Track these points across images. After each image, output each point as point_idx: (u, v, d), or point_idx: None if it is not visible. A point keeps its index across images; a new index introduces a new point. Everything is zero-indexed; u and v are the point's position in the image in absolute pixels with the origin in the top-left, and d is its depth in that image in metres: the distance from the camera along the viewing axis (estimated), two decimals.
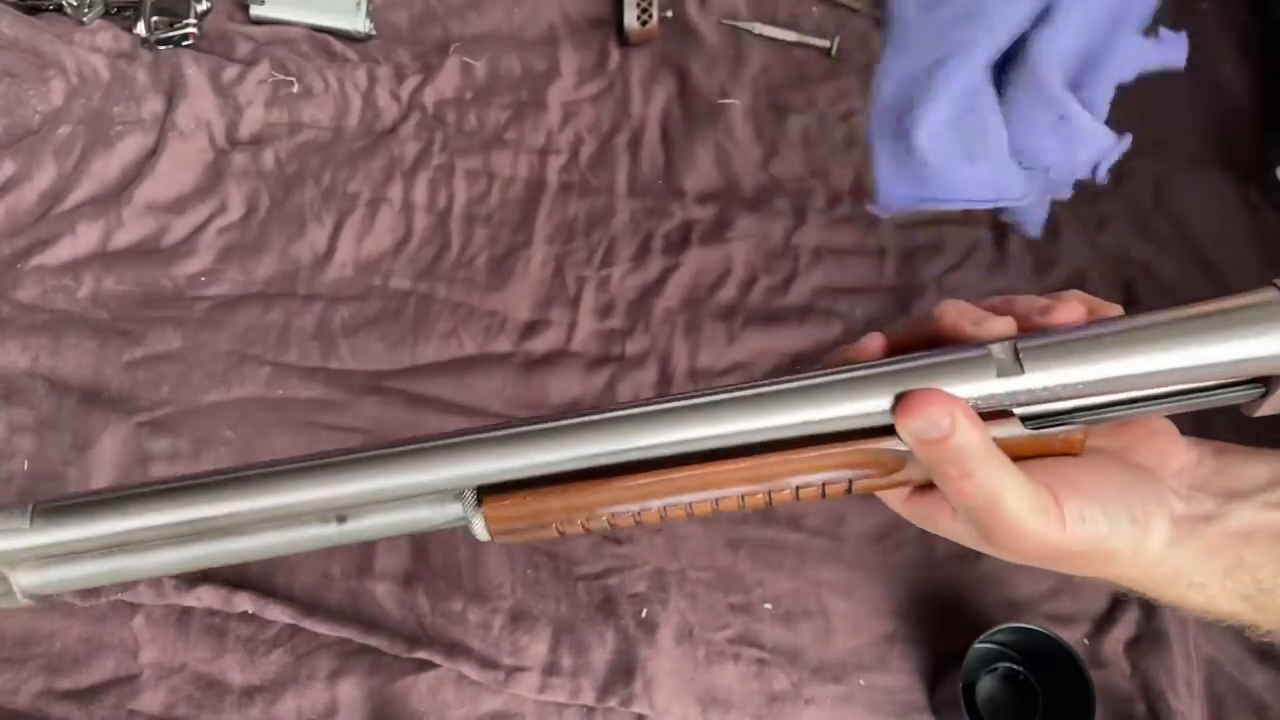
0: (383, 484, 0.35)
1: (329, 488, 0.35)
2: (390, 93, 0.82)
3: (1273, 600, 0.35)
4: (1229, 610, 0.36)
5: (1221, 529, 0.35)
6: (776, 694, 0.63)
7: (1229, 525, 0.35)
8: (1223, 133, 0.91)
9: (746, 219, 0.80)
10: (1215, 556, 0.35)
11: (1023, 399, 0.33)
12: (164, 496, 0.35)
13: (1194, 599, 0.36)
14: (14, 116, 0.74)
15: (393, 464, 0.35)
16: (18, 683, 0.58)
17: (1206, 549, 0.35)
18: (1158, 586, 0.36)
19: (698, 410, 0.34)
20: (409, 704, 0.59)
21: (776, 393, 0.34)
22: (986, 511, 0.33)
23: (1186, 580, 0.36)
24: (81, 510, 0.36)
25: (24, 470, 0.63)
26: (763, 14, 0.91)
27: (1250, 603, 0.36)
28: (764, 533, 0.68)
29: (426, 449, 0.35)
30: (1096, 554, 0.35)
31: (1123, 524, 0.34)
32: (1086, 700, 0.59)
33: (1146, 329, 0.33)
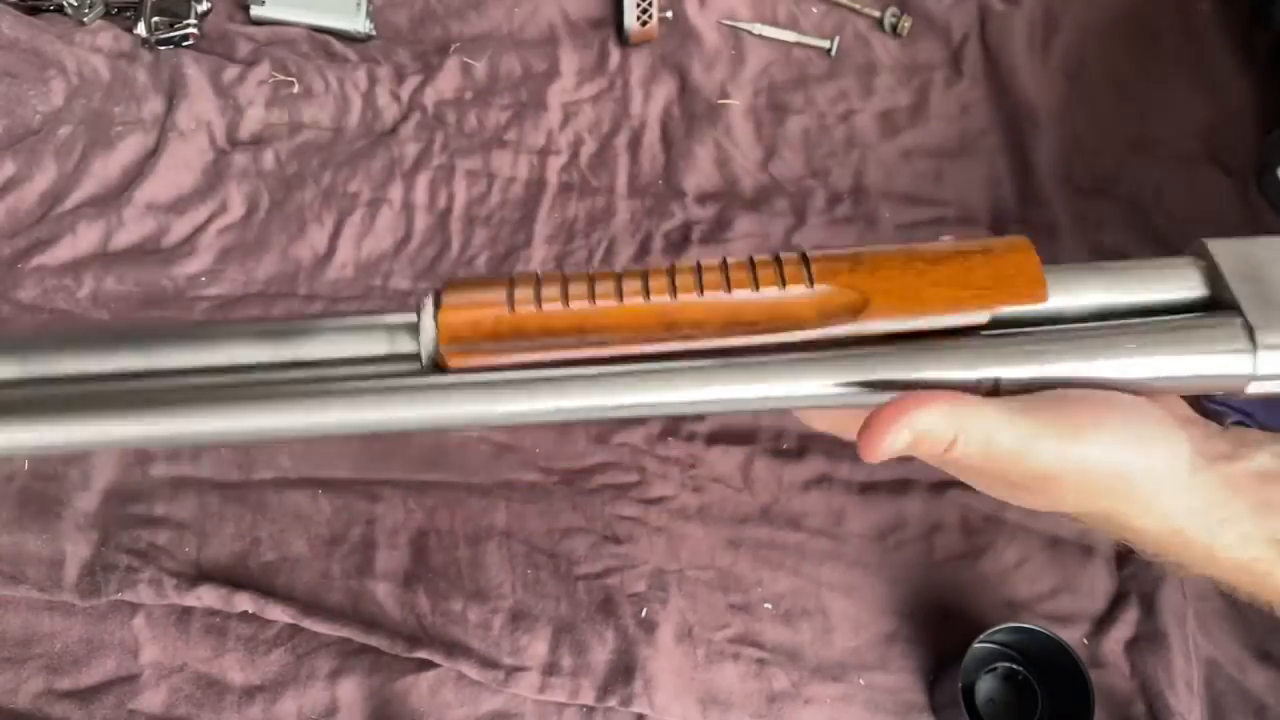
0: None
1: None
2: (390, 93, 0.82)
3: None
4: (1265, 557, 0.35)
5: (1244, 468, 0.35)
6: (776, 693, 0.63)
7: (1250, 466, 0.35)
8: (1223, 133, 0.92)
9: (746, 219, 0.80)
10: (1241, 492, 0.35)
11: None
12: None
13: (1226, 536, 0.35)
14: (14, 117, 0.74)
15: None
16: (18, 683, 0.58)
17: (1231, 483, 0.35)
18: (1188, 521, 0.35)
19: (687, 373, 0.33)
20: (409, 704, 0.59)
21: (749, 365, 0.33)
22: (989, 460, 0.33)
23: (1217, 514, 0.34)
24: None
25: (25, 470, 0.63)
26: (763, 14, 0.91)
27: (1279, 547, 0.35)
28: (764, 532, 0.68)
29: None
30: (1119, 474, 0.34)
31: (1146, 432, 0.33)
32: (1086, 700, 0.59)
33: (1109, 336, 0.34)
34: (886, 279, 0.33)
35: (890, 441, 0.32)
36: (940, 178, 0.85)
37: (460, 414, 0.34)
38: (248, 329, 0.35)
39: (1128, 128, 0.88)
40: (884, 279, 0.33)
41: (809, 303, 0.33)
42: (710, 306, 0.33)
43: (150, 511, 0.63)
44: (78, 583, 0.60)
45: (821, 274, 0.33)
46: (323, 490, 0.66)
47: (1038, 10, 0.91)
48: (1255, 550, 0.35)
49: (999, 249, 0.34)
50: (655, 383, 0.33)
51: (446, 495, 0.67)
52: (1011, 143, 0.87)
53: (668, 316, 0.33)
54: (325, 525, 0.64)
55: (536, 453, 0.69)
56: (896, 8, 0.91)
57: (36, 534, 0.61)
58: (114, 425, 0.33)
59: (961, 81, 0.89)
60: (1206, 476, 0.35)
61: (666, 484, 0.69)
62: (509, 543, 0.65)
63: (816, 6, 0.92)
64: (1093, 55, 0.91)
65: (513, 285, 0.34)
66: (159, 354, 0.35)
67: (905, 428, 0.32)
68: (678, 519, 0.68)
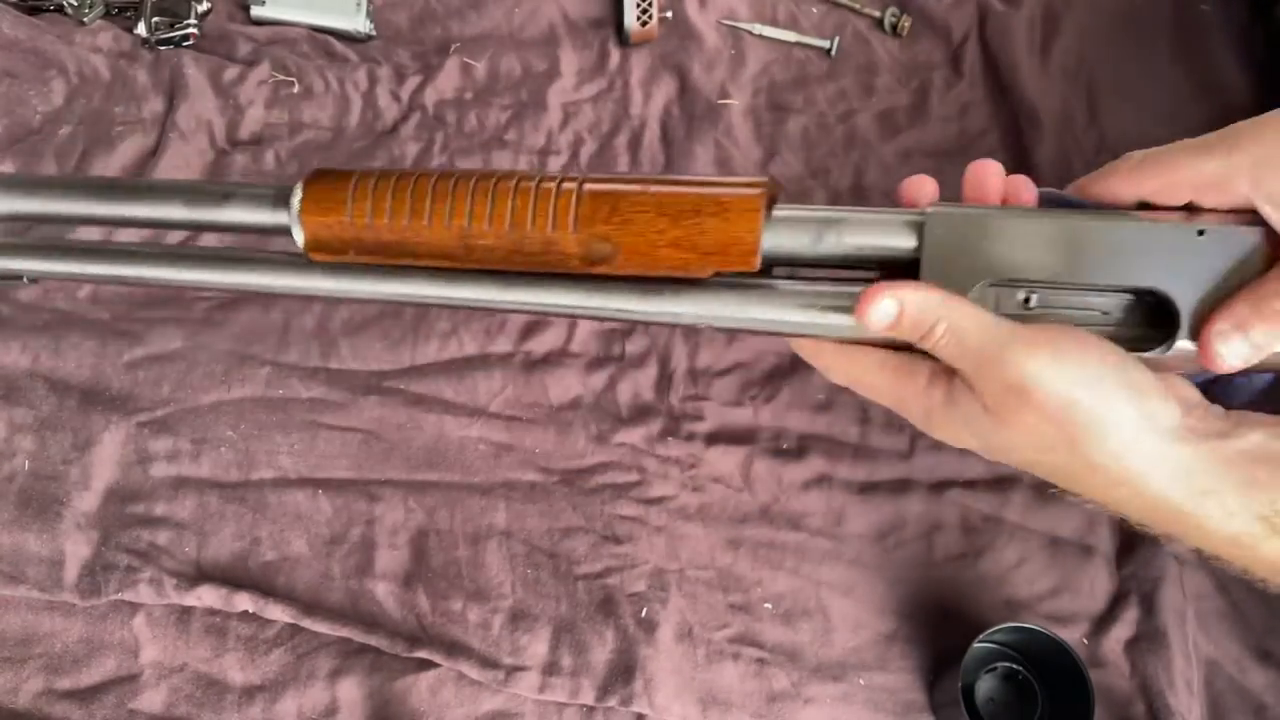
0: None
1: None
2: (391, 93, 0.82)
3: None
4: (1248, 531, 0.35)
5: (1236, 446, 0.35)
6: (776, 693, 0.63)
7: (1242, 444, 0.35)
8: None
9: None
10: (1230, 468, 0.35)
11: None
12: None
13: (1209, 508, 0.35)
14: (15, 117, 0.74)
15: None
16: (18, 682, 0.58)
17: (1220, 459, 0.35)
18: (1166, 489, 0.35)
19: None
20: (409, 703, 0.59)
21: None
22: (962, 357, 0.36)
23: (1200, 485, 0.35)
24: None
25: (25, 469, 0.63)
26: (763, 14, 0.91)
27: (1269, 525, 0.35)
28: (763, 532, 0.68)
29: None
30: (1088, 415, 0.34)
31: (1116, 385, 0.35)
32: (1085, 700, 0.59)
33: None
34: (633, 233, 0.40)
35: (879, 305, 0.37)
36: (940, 178, 0.85)
37: (321, 288, 0.46)
38: (176, 190, 0.47)
39: (1128, 128, 0.88)
40: (631, 233, 0.40)
41: (574, 245, 0.41)
42: (498, 234, 0.42)
43: (150, 511, 0.63)
44: (78, 582, 0.60)
45: (585, 218, 0.41)
46: (323, 490, 0.66)
47: (1038, 10, 0.91)
48: (1241, 524, 0.35)
49: (734, 209, 0.39)
50: (468, 282, 0.44)
51: (446, 495, 0.67)
52: (1011, 143, 0.87)
53: (467, 238, 0.42)
54: (325, 525, 0.64)
55: (536, 453, 0.69)
56: (896, 8, 0.91)
57: (36, 534, 0.61)
58: (80, 265, 0.49)
59: (961, 81, 0.89)
60: (1194, 449, 0.35)
61: (666, 484, 0.69)
62: (509, 542, 0.65)
63: (816, 6, 0.92)
64: (1093, 55, 0.91)
65: (355, 193, 0.43)
66: (117, 205, 0.47)
67: (894, 299, 0.37)
68: (678, 519, 0.68)
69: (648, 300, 0.42)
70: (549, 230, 0.41)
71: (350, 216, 0.43)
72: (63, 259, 0.49)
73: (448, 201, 0.42)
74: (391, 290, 0.45)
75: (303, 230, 0.44)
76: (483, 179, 0.42)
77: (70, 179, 0.51)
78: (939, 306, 0.36)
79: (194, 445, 0.66)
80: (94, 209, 0.48)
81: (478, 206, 0.42)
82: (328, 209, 0.43)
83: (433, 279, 0.44)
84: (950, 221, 0.39)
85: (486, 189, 0.42)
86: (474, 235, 0.42)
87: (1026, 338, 0.35)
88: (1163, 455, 0.35)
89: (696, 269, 0.40)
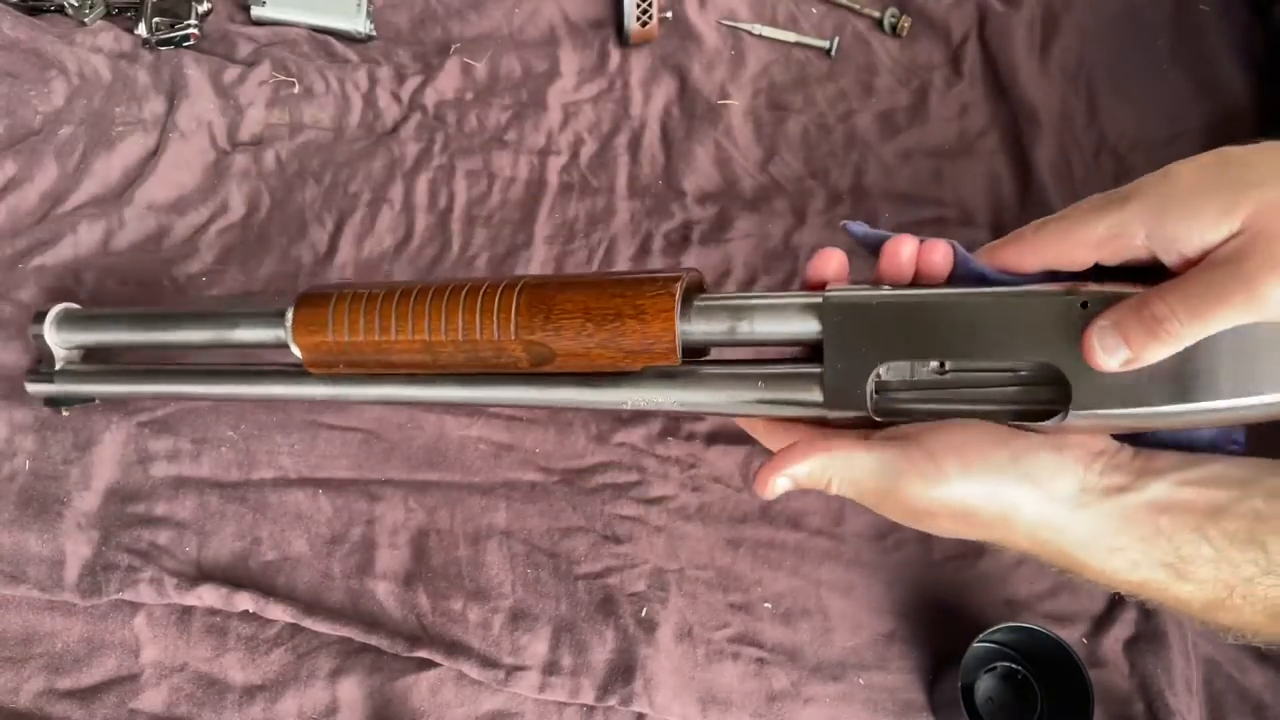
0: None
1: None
2: (391, 93, 0.82)
3: (1194, 570, 0.36)
4: (1155, 578, 0.37)
5: (1136, 500, 0.36)
6: (776, 693, 0.63)
7: (1143, 497, 0.36)
8: (1223, 133, 0.92)
9: (746, 219, 0.80)
10: (1131, 523, 0.36)
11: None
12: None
13: (1115, 563, 0.37)
14: (15, 117, 0.74)
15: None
16: (18, 682, 0.58)
17: (1121, 515, 0.36)
18: (1075, 552, 0.37)
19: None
20: (409, 703, 0.59)
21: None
22: (864, 498, 0.39)
23: (1105, 544, 0.37)
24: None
25: (26, 469, 0.63)
26: (762, 15, 0.91)
27: (1172, 570, 0.36)
28: (763, 532, 0.68)
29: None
30: (992, 510, 0.37)
31: (1010, 479, 0.36)
32: (1085, 699, 0.59)
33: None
34: (566, 338, 0.46)
35: (774, 485, 0.41)
36: (940, 178, 0.85)
37: (320, 394, 0.55)
38: (199, 318, 0.58)
39: (1127, 128, 0.88)
40: (565, 338, 0.46)
41: (519, 349, 0.47)
42: (455, 343, 0.48)
43: (151, 511, 0.63)
44: (78, 582, 0.60)
45: (524, 325, 0.46)
46: (323, 490, 0.66)
47: (1038, 10, 0.91)
48: (1145, 573, 0.37)
49: (651, 311, 0.44)
50: (438, 384, 0.51)
51: (446, 495, 0.67)
52: (1011, 143, 0.87)
53: (431, 348, 0.48)
54: (325, 525, 0.65)
55: (536, 452, 0.69)
56: (896, 8, 0.91)
57: (37, 533, 0.61)
58: (136, 386, 0.61)
59: (961, 82, 0.89)
60: (1095, 510, 0.37)
61: (666, 484, 0.69)
62: (509, 542, 0.65)
63: (816, 6, 0.92)
64: (1093, 55, 0.91)
65: (334, 314, 0.50)
66: (157, 332, 0.59)
67: (785, 475, 0.40)
68: (678, 519, 0.68)
69: (589, 391, 0.47)
70: (496, 337, 0.47)
71: (332, 336, 0.50)
72: (121, 381, 0.61)
73: (409, 318, 0.48)
74: (376, 393, 0.53)
75: (299, 351, 0.52)
76: (438, 292, 0.48)
77: (117, 313, 0.61)
78: (825, 468, 0.40)
79: (194, 445, 0.66)
80: (138, 337, 0.60)
81: (434, 320, 0.48)
82: (314, 330, 0.51)
83: (409, 383, 0.52)
84: (845, 306, 0.41)
85: (440, 303, 0.48)
86: (435, 346, 0.48)
87: (915, 467, 0.37)
88: (1068, 522, 0.37)
89: (627, 365, 0.45)
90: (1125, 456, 0.38)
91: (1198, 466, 0.37)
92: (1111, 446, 0.39)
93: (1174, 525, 0.36)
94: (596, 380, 0.47)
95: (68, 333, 0.61)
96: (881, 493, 0.39)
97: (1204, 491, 0.36)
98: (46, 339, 0.61)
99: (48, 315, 0.61)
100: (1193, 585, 0.36)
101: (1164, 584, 0.37)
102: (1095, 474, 0.37)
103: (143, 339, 0.60)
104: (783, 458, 0.40)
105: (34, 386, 0.62)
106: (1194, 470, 0.37)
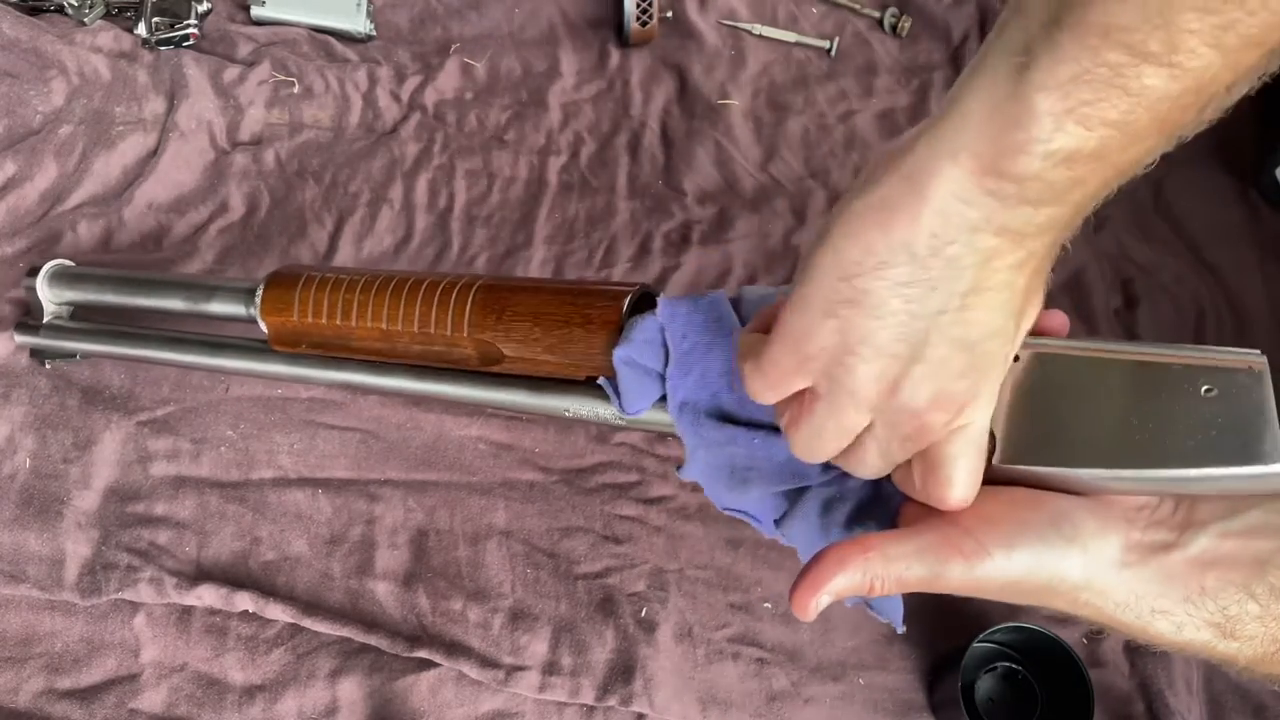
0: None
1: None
2: (391, 93, 0.82)
3: (1241, 627, 0.35)
4: (1200, 638, 0.36)
5: (1180, 557, 0.36)
6: (776, 693, 0.63)
7: (1187, 553, 0.36)
8: (1223, 133, 0.91)
9: (746, 219, 0.80)
10: (1175, 583, 0.35)
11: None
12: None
13: (1160, 626, 0.36)
14: (15, 117, 0.74)
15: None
16: (18, 682, 0.58)
17: (1165, 575, 0.35)
18: (1118, 614, 0.36)
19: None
20: (409, 703, 0.59)
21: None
22: (909, 591, 0.37)
23: (1149, 606, 0.36)
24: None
25: (27, 467, 0.63)
26: (763, 14, 0.91)
27: (1219, 629, 0.35)
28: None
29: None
30: (1037, 580, 0.35)
31: (1056, 546, 0.35)
32: (1085, 699, 0.59)
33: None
34: (515, 340, 0.46)
35: (815, 606, 0.36)
36: None
37: (280, 372, 0.57)
38: (178, 285, 0.60)
39: None
40: (514, 339, 0.46)
41: (470, 346, 0.48)
42: (410, 334, 0.49)
43: (150, 511, 0.63)
44: (78, 582, 0.60)
45: (476, 323, 0.47)
46: (323, 490, 0.66)
47: None
48: (1190, 635, 0.36)
49: (597, 322, 0.44)
50: (392, 374, 0.52)
51: (446, 495, 0.67)
52: None
53: (388, 337, 0.50)
54: (325, 525, 0.65)
55: (536, 452, 0.69)
56: (896, 8, 0.91)
57: (37, 533, 0.61)
58: (112, 346, 0.62)
59: None
60: (1139, 571, 0.35)
61: (666, 484, 0.69)
62: (509, 542, 0.65)
63: (816, 6, 0.92)
64: None
65: (300, 295, 0.52)
66: (139, 296, 0.61)
67: (825, 594, 0.36)
68: (677, 519, 0.68)
69: (537, 396, 0.48)
70: (449, 332, 0.48)
71: (297, 316, 0.52)
72: (97, 340, 0.63)
73: (369, 306, 0.50)
74: (332, 377, 0.54)
75: (266, 327, 0.54)
76: (399, 284, 0.49)
77: (105, 274, 0.63)
78: (865, 573, 0.36)
79: (194, 445, 0.66)
80: (121, 299, 0.62)
81: (392, 310, 0.49)
82: (280, 309, 0.53)
83: (365, 370, 0.53)
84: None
85: (400, 295, 0.49)
86: (393, 335, 0.49)
87: (956, 550, 0.35)
88: (1111, 585, 0.35)
89: (571, 373, 0.45)
90: (1166, 511, 0.37)
91: (1239, 516, 0.36)
92: (1151, 501, 0.37)
93: (1219, 583, 0.35)
94: (542, 385, 0.47)
95: (59, 289, 0.63)
96: (925, 582, 0.36)
97: (1248, 544, 0.35)
98: (39, 292, 0.63)
99: (41, 269, 0.63)
100: (1239, 643, 0.36)
101: (1210, 643, 0.36)
102: (1139, 530, 0.36)
103: (125, 301, 0.62)
104: (818, 574, 0.37)
105: (21, 337, 0.64)
106: (1236, 520, 0.36)
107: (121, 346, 0.62)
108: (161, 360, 0.62)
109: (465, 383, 0.50)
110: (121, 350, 0.62)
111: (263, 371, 0.58)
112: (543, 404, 0.48)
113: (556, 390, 0.47)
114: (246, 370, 0.58)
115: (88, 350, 0.64)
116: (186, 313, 0.60)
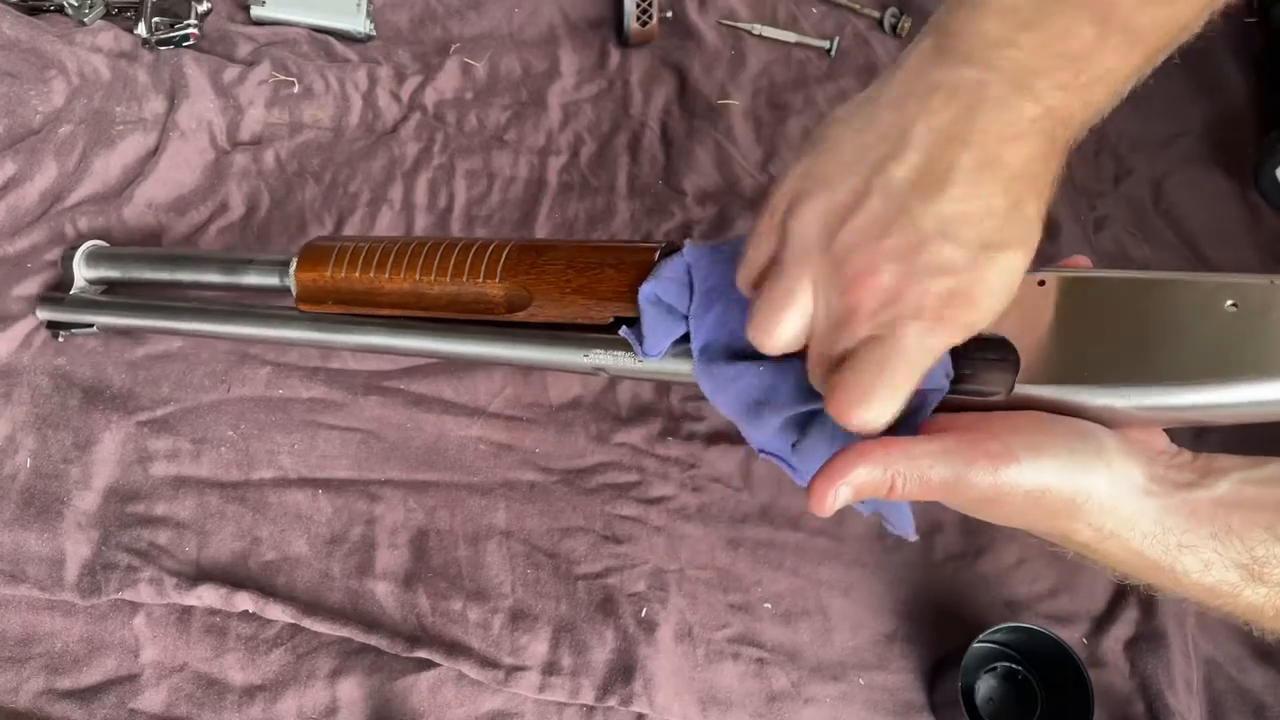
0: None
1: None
2: (391, 93, 0.82)
3: (1269, 570, 0.35)
4: (1228, 580, 0.35)
5: (1204, 495, 0.35)
6: (776, 693, 0.63)
7: (1212, 493, 0.35)
8: (1222, 133, 0.91)
9: (746, 219, 0.80)
10: (1201, 519, 0.35)
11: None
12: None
13: (1186, 562, 0.35)
14: (15, 116, 0.74)
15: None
16: (18, 682, 0.58)
17: (1190, 510, 0.35)
18: (1145, 547, 0.35)
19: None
20: (409, 703, 0.59)
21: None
22: (929, 494, 0.36)
23: (1176, 540, 0.35)
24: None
25: (27, 467, 0.63)
26: (762, 15, 0.91)
27: (1247, 571, 0.35)
28: (763, 532, 0.68)
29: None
30: (1062, 494, 0.34)
31: (1083, 458, 0.34)
32: (1085, 699, 0.59)
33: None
34: (546, 281, 0.49)
35: (834, 498, 0.36)
36: None
37: (304, 337, 0.60)
38: (215, 259, 0.63)
39: (1127, 127, 0.88)
40: (545, 281, 0.49)
41: (499, 292, 0.51)
42: (442, 284, 0.52)
43: (150, 511, 0.63)
44: (78, 582, 0.60)
45: (510, 268, 0.50)
46: (323, 490, 0.66)
47: None
48: (1219, 574, 0.35)
49: (629, 261, 0.47)
50: (412, 334, 0.55)
51: (446, 495, 0.67)
52: None
53: (418, 288, 0.53)
54: (325, 525, 0.65)
55: (536, 452, 0.69)
56: (896, 8, 0.91)
57: (37, 532, 0.61)
58: (154, 321, 0.64)
59: None
60: (1162, 502, 0.35)
61: (666, 484, 0.69)
62: (509, 542, 0.65)
63: (816, 6, 0.92)
64: None
65: (336, 255, 0.56)
66: (175, 271, 0.65)
67: (845, 484, 0.35)
68: (678, 519, 0.68)
69: (555, 350, 0.50)
70: (480, 280, 0.51)
71: (330, 272, 0.56)
72: (118, 313, 0.65)
73: (404, 261, 0.53)
74: (355, 340, 0.57)
75: (295, 285, 0.57)
76: (435, 243, 0.53)
77: (143, 252, 0.67)
78: (887, 468, 0.35)
79: (194, 445, 0.66)
80: (159, 275, 0.65)
81: (427, 262, 0.52)
82: (315, 266, 0.56)
83: (387, 330, 0.56)
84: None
85: (436, 250, 0.52)
86: (423, 286, 0.52)
87: (983, 452, 0.35)
88: (1137, 511, 0.35)
89: (596, 315, 0.47)
90: (1186, 458, 0.37)
91: (1260, 467, 0.36)
92: (1171, 448, 0.38)
93: (1245, 524, 0.34)
94: (561, 337, 0.50)
95: (93, 268, 0.67)
96: (949, 485, 0.35)
97: (1271, 490, 0.35)
98: (74, 269, 0.66)
99: (80, 247, 0.67)
100: (1267, 588, 0.35)
101: (1237, 587, 0.35)
102: (1161, 468, 0.36)
103: (163, 277, 0.65)
104: (839, 465, 0.36)
105: (43, 310, 0.66)
106: (1258, 470, 0.36)
107: (140, 319, 0.65)
108: (183, 331, 0.65)
109: (485, 339, 0.52)
110: (139, 322, 0.65)
111: (285, 338, 0.60)
112: (561, 358, 0.50)
113: (574, 343, 0.49)
114: (269, 337, 0.61)
115: (107, 323, 0.66)
116: (222, 286, 0.63)
